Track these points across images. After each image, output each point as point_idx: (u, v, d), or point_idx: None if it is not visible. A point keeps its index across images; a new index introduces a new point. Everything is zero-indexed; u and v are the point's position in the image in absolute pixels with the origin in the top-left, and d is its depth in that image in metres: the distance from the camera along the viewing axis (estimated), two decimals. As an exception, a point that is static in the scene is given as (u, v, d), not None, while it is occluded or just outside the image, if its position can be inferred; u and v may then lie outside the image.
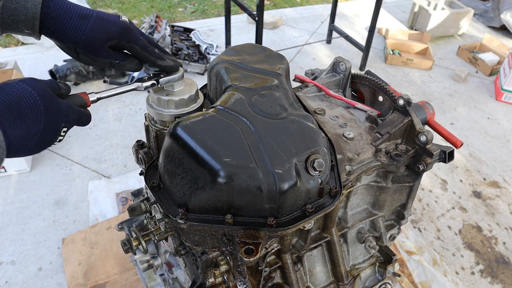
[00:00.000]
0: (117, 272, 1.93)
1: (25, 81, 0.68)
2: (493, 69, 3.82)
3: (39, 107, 0.67)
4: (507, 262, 2.25)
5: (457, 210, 2.53)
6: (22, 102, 0.65)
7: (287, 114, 0.87)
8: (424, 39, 4.10)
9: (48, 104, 0.69)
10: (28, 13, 0.74)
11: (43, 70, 3.23)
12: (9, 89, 0.65)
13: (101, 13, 0.82)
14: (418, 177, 1.13)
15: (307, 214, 0.82)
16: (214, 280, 0.90)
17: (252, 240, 0.78)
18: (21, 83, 0.67)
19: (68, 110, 0.74)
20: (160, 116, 0.95)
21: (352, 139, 1.04)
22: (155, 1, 4.88)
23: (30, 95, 0.66)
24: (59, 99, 0.73)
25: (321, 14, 4.74)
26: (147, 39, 0.88)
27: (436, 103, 3.46)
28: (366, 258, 1.22)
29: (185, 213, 0.80)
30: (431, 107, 1.22)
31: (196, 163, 0.77)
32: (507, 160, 2.94)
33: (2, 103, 0.63)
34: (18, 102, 0.65)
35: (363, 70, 3.71)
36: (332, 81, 1.23)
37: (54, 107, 0.70)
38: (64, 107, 0.73)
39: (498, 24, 4.65)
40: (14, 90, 0.65)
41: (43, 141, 0.70)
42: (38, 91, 0.68)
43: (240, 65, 0.99)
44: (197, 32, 3.74)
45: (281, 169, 0.77)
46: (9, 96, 0.64)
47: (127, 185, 2.41)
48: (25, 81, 0.68)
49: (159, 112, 0.93)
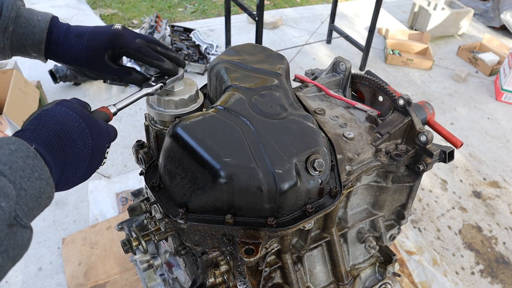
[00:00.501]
0: (117, 272, 1.93)
1: (63, 104, 0.64)
2: (493, 69, 3.82)
3: (84, 130, 0.63)
4: (507, 262, 2.25)
5: (457, 210, 2.53)
6: (68, 127, 0.61)
7: (287, 114, 0.87)
8: (424, 39, 4.10)
9: (91, 126, 0.66)
10: (35, 37, 0.79)
11: (43, 70, 3.23)
12: (51, 114, 0.60)
13: (95, 28, 0.84)
14: (418, 177, 1.13)
15: (307, 214, 0.82)
16: (214, 280, 0.90)
17: (252, 240, 0.78)
18: (61, 107, 0.63)
19: (108, 128, 0.73)
20: (160, 116, 0.95)
21: (352, 139, 1.04)
22: (155, 1, 4.88)
23: (74, 119, 0.62)
24: (97, 119, 0.70)
25: (321, 14, 4.74)
26: (146, 39, 0.88)
27: (436, 103, 3.46)
28: (366, 258, 1.22)
29: (185, 213, 0.80)
30: (431, 107, 1.22)
31: (196, 163, 0.77)
32: (507, 160, 2.94)
33: (48, 129, 0.58)
34: (64, 128, 0.60)
35: (363, 70, 3.71)
36: (332, 81, 1.23)
37: (96, 128, 0.67)
38: (104, 127, 0.71)
39: (498, 24, 4.65)
40: (57, 116, 0.61)
41: (91, 167, 0.66)
42: (79, 113, 0.64)
43: (240, 65, 0.99)
44: (197, 32, 3.74)
45: (281, 169, 0.77)
46: (55, 122, 0.59)
47: (127, 185, 2.41)
48: (62, 104, 0.64)
49: (159, 112, 0.93)
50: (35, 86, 2.74)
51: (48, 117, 0.60)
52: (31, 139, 0.55)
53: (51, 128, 0.58)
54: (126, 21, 4.39)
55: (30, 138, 0.55)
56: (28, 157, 0.51)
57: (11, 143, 0.51)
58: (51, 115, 0.60)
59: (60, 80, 3.13)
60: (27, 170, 0.50)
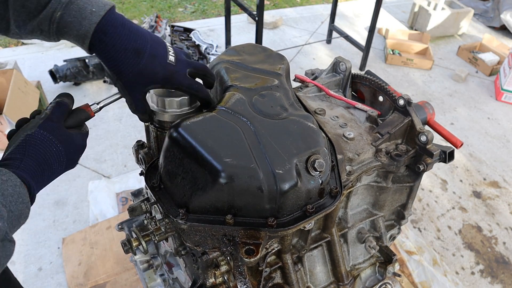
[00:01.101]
0: (117, 272, 1.93)
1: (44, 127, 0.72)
2: (493, 69, 3.82)
3: (61, 153, 0.73)
4: (507, 262, 2.25)
5: (457, 210, 2.53)
6: (47, 154, 0.71)
7: (287, 114, 0.87)
8: (424, 39, 4.10)
9: (68, 146, 0.74)
10: (81, 30, 0.72)
11: (43, 70, 3.23)
12: (34, 142, 0.70)
13: (153, 49, 0.78)
14: (418, 177, 1.13)
15: (308, 215, 0.82)
16: (215, 280, 0.90)
17: (253, 241, 0.78)
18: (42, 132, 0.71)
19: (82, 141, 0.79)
20: (160, 116, 0.95)
21: (352, 139, 1.04)
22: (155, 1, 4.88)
23: (53, 144, 0.71)
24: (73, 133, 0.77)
25: (321, 14, 4.74)
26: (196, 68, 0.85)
27: (436, 103, 3.46)
28: (366, 258, 1.22)
29: (185, 213, 0.80)
30: (431, 107, 1.22)
31: (196, 164, 0.77)
32: (507, 160, 2.94)
33: (32, 159, 0.68)
34: (44, 156, 0.70)
35: (363, 70, 3.71)
36: (332, 81, 1.23)
37: (72, 147, 0.75)
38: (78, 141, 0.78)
39: (498, 24, 4.65)
40: (39, 143, 0.70)
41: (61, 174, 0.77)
42: (57, 136, 0.72)
43: (240, 65, 0.99)
44: (197, 32, 3.74)
45: (282, 169, 0.77)
46: (37, 151, 0.69)
47: (127, 185, 2.41)
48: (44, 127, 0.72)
49: (159, 112, 0.93)
50: (35, 86, 2.74)
51: (31, 146, 0.69)
52: (19, 169, 0.66)
53: (34, 158, 0.69)
54: (126, 21, 4.38)
55: (19, 168, 0.66)
56: (16, 185, 0.62)
57: (2, 174, 0.62)
58: (34, 143, 0.70)
59: (60, 80, 3.13)
60: (14, 196, 0.62)
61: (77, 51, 3.62)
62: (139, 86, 0.79)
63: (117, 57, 0.75)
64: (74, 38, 0.74)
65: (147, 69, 0.77)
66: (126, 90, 0.80)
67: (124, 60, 0.75)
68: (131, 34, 0.76)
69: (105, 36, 0.73)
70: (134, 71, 0.76)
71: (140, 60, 0.76)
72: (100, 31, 0.73)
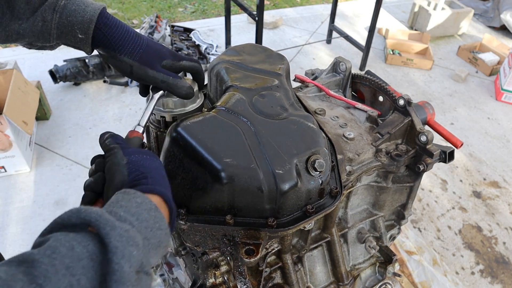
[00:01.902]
0: (117, 272, 1.92)
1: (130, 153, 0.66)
2: (493, 69, 3.82)
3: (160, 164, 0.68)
4: (507, 262, 2.25)
5: (457, 210, 2.53)
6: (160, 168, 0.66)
7: (287, 114, 0.87)
8: (424, 39, 4.10)
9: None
10: (86, 15, 0.74)
11: (43, 70, 3.23)
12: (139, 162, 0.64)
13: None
14: (418, 177, 1.13)
15: (308, 215, 0.82)
16: (215, 280, 0.90)
17: (253, 241, 0.78)
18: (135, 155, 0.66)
19: None
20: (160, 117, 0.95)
21: (352, 139, 1.04)
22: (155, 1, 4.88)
23: (153, 158, 0.67)
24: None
25: (321, 14, 4.74)
26: None
27: (436, 103, 3.46)
28: (366, 258, 1.22)
29: (185, 213, 0.80)
30: (431, 107, 1.22)
31: (196, 164, 0.77)
32: (507, 160, 2.94)
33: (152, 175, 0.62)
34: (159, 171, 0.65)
35: (363, 70, 3.71)
36: (332, 81, 1.23)
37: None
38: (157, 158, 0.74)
39: (498, 24, 4.65)
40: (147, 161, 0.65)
41: None
42: (148, 153, 0.68)
43: (240, 65, 0.99)
44: (197, 32, 3.74)
45: (282, 169, 0.77)
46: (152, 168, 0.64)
47: (127, 185, 2.41)
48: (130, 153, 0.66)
49: (159, 112, 0.93)
50: (35, 86, 2.74)
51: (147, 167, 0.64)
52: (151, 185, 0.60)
53: (158, 172, 0.64)
54: (126, 21, 4.39)
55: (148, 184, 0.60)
56: (151, 209, 0.55)
57: (137, 197, 0.55)
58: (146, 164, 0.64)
59: (60, 80, 3.13)
60: (150, 221, 0.54)
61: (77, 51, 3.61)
62: (155, 59, 0.82)
63: (124, 38, 0.79)
64: (79, 25, 0.75)
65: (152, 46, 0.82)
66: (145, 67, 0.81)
67: (129, 40, 0.79)
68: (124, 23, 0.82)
69: (108, 20, 0.77)
70: (143, 48, 0.80)
71: (142, 40, 0.81)
72: (103, 16, 0.77)
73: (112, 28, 0.78)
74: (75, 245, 0.45)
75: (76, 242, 0.45)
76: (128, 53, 0.79)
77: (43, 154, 2.64)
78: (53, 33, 0.75)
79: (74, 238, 0.45)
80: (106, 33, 0.77)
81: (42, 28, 0.73)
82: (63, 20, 0.74)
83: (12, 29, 0.71)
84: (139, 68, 0.80)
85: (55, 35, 0.75)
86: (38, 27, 0.73)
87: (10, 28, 0.71)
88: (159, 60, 0.83)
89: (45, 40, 0.75)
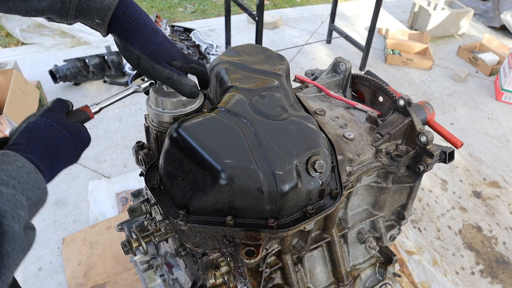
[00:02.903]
0: (117, 272, 1.93)
1: (47, 116, 0.70)
2: (493, 69, 3.82)
3: (67, 140, 0.71)
4: (507, 262, 2.25)
5: (457, 210, 2.53)
6: (53, 139, 0.69)
7: (287, 115, 0.87)
8: (424, 39, 4.10)
9: (74, 134, 0.73)
10: (105, 2, 0.74)
11: (43, 70, 3.23)
12: (38, 128, 0.68)
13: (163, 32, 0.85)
14: (419, 177, 1.13)
15: (308, 216, 0.82)
16: (215, 281, 0.90)
17: (253, 242, 0.78)
18: (45, 119, 0.69)
19: (86, 134, 0.78)
20: (160, 117, 0.94)
21: (352, 139, 1.04)
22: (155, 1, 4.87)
23: (58, 130, 0.70)
24: (78, 124, 0.76)
25: (321, 14, 4.74)
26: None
27: (436, 103, 3.46)
28: (367, 258, 1.22)
29: (185, 214, 0.80)
30: (431, 107, 1.22)
31: (196, 165, 0.77)
32: (507, 160, 2.94)
33: (38, 142, 0.66)
34: (50, 140, 0.69)
35: (363, 70, 3.71)
36: (332, 82, 1.23)
37: (78, 136, 0.74)
38: (84, 133, 0.77)
39: (498, 24, 4.65)
40: (44, 129, 0.68)
41: (69, 165, 0.76)
42: (62, 124, 0.71)
43: (240, 66, 0.99)
44: (197, 32, 3.74)
45: (282, 170, 0.77)
46: (42, 135, 0.68)
47: (127, 185, 2.41)
48: (46, 116, 0.70)
49: (159, 113, 0.93)
50: (35, 86, 2.74)
51: (35, 131, 0.68)
52: (26, 152, 0.64)
53: (40, 142, 0.67)
54: (126, 21, 4.38)
55: (25, 151, 0.64)
56: (30, 172, 0.61)
57: (17, 160, 0.60)
58: (38, 129, 0.68)
59: (60, 80, 3.13)
60: (30, 182, 0.60)
61: (77, 51, 3.62)
62: (165, 57, 0.82)
63: (140, 30, 0.78)
64: (97, 11, 0.75)
65: (165, 45, 0.82)
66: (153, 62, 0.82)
67: (145, 34, 0.79)
68: (146, 14, 0.81)
69: (128, 9, 0.77)
70: (156, 45, 0.80)
71: (157, 37, 0.81)
72: (123, 4, 0.76)
73: (130, 18, 0.77)
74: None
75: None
76: (140, 47, 0.80)
77: (43, 154, 2.64)
78: (71, 14, 0.75)
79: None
80: (122, 22, 0.77)
81: (60, 8, 0.74)
82: (82, 4, 0.74)
83: (32, 5, 0.72)
84: (147, 61, 0.81)
85: (73, 15, 0.76)
86: (57, 7, 0.73)
87: (31, 3, 0.72)
88: (169, 59, 0.83)
89: (62, 18, 0.76)
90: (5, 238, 0.52)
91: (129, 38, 0.79)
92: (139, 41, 0.79)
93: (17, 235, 0.54)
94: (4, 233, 0.52)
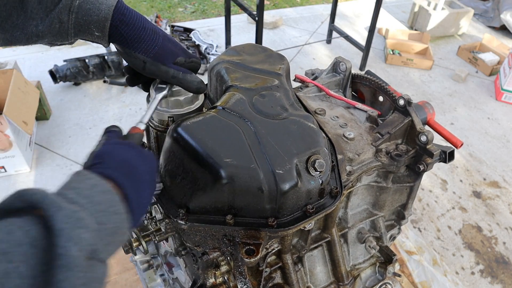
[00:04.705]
0: (117, 272, 1.93)
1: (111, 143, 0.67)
2: (493, 69, 3.82)
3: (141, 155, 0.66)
4: (507, 262, 2.25)
5: (457, 210, 2.53)
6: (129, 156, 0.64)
7: (287, 114, 0.87)
8: (424, 39, 4.10)
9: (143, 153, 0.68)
10: (101, 14, 0.75)
11: (43, 70, 3.23)
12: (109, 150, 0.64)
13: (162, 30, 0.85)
14: (419, 177, 1.13)
15: (308, 215, 0.82)
16: (215, 280, 0.90)
17: (253, 241, 0.78)
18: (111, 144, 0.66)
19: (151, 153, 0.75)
20: (160, 116, 0.95)
21: (352, 139, 1.04)
22: (155, 1, 4.88)
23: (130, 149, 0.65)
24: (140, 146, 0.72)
25: (321, 14, 4.74)
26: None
27: (436, 103, 3.46)
28: (367, 258, 1.22)
29: (185, 213, 0.80)
30: (431, 107, 1.22)
31: (196, 164, 0.77)
32: (507, 160, 2.94)
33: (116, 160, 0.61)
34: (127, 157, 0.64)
35: (363, 70, 3.71)
36: (332, 81, 1.23)
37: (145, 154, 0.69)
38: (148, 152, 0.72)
39: (498, 24, 4.65)
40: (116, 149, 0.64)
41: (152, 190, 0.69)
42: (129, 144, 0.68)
43: (240, 65, 0.99)
44: (197, 32, 3.74)
45: (282, 169, 0.77)
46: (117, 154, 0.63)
47: (127, 185, 2.41)
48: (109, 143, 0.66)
49: (159, 112, 0.93)
50: (35, 86, 2.74)
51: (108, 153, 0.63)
52: (103, 168, 0.57)
53: (117, 158, 0.61)
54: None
55: (103, 167, 0.58)
56: (105, 192, 0.52)
57: (90, 178, 0.52)
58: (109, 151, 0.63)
59: (60, 80, 3.13)
60: (104, 204, 0.50)
61: (77, 51, 3.62)
62: (169, 56, 0.82)
63: (140, 35, 0.78)
64: (95, 24, 0.75)
65: (167, 43, 0.83)
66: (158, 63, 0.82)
67: (145, 37, 0.79)
68: (142, 17, 0.81)
69: (125, 17, 0.77)
70: (158, 45, 0.81)
71: (158, 38, 0.81)
72: (118, 12, 0.76)
73: (129, 25, 0.77)
74: (14, 229, 0.40)
75: (16, 226, 0.41)
76: (143, 51, 0.80)
77: (43, 154, 2.64)
78: (70, 32, 0.75)
79: (14, 222, 0.41)
80: (122, 30, 0.77)
81: (60, 29, 0.74)
82: (79, 20, 0.74)
83: (31, 32, 0.72)
84: (152, 64, 0.81)
85: (73, 34, 0.76)
86: (56, 29, 0.74)
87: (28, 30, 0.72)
88: (173, 57, 0.83)
89: (63, 39, 0.76)
90: (56, 263, 0.39)
91: (131, 45, 0.79)
92: (141, 45, 0.79)
93: (75, 262, 0.41)
94: (57, 257, 0.40)
